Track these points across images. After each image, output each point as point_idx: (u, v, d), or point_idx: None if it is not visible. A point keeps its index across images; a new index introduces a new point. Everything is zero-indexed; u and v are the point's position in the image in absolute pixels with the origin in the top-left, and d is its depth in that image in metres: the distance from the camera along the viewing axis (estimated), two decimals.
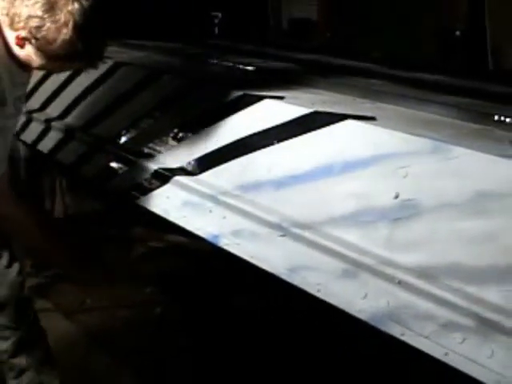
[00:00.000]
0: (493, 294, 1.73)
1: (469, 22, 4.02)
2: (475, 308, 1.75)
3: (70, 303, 3.96)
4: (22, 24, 1.96)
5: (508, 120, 2.22)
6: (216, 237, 2.42)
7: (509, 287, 1.70)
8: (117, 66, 3.09)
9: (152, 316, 3.87)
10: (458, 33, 4.04)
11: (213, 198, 2.45)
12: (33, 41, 1.98)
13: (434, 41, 4.15)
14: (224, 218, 2.40)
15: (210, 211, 2.45)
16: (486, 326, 1.74)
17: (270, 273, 2.23)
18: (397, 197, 1.93)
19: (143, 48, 3.71)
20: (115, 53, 3.15)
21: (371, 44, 4.38)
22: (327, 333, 3.49)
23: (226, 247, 2.39)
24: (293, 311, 3.59)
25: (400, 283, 1.90)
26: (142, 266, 4.32)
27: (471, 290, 1.77)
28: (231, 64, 3.18)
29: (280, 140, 2.26)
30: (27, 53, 2.03)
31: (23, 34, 1.98)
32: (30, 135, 3.70)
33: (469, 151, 1.82)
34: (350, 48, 4.46)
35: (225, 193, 2.41)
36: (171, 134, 2.66)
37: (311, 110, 2.22)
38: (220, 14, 4.98)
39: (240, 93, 2.47)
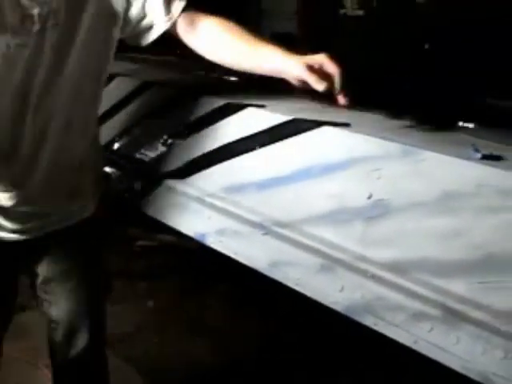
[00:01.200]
0: (458, 286, 1.75)
1: None
2: (442, 299, 1.77)
3: None
4: None
5: (470, 126, 2.24)
6: (203, 235, 2.43)
7: (473, 280, 1.72)
8: (111, 77, 3.09)
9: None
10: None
11: (199, 200, 2.46)
12: None
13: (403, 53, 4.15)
14: (209, 218, 2.41)
15: (197, 212, 2.45)
16: (452, 316, 1.75)
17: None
18: (370, 197, 1.94)
19: (135, 60, 3.71)
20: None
21: (347, 57, 4.38)
22: None
23: (211, 245, 2.40)
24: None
25: (373, 277, 1.91)
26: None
27: (439, 282, 1.79)
28: (216, 75, 3.17)
29: (262, 145, 2.27)
30: None
31: None
32: None
33: (436, 154, 1.84)
34: None
35: (210, 195, 2.42)
36: (161, 141, 2.66)
37: (290, 118, 2.23)
38: None
39: (225, 101, 2.47)
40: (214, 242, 2.39)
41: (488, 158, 1.81)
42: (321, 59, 1.80)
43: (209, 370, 3.32)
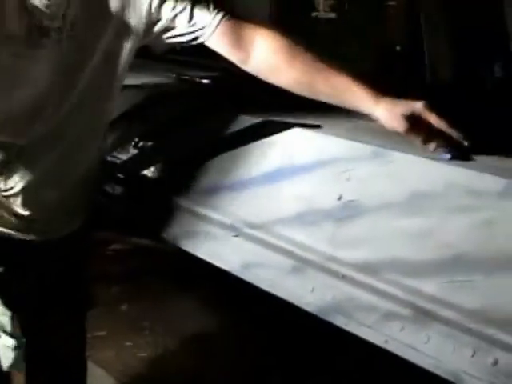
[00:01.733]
0: (428, 286, 1.76)
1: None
2: (413, 299, 1.78)
3: None
4: None
5: None
6: (176, 238, 2.43)
7: (443, 279, 1.73)
8: None
9: None
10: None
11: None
12: None
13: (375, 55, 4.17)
14: (181, 220, 2.41)
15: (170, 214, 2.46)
16: (423, 315, 1.77)
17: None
18: (340, 198, 1.95)
19: None
20: None
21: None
22: None
23: (184, 248, 2.40)
24: None
25: (344, 278, 1.92)
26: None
27: (409, 282, 1.79)
28: (188, 77, 3.17)
29: (234, 147, 2.27)
30: None
31: None
32: None
33: (405, 155, 1.85)
34: None
35: (182, 196, 2.42)
36: (132, 143, 2.66)
37: (261, 119, 2.24)
38: None
39: (197, 104, 2.48)
40: (187, 245, 2.39)
41: (457, 158, 1.83)
42: (420, 109, 1.76)
43: (183, 374, 3.32)
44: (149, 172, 2.58)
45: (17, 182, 1.88)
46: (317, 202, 2.01)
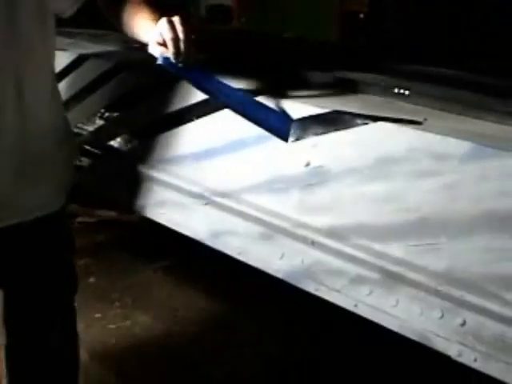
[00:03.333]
0: (395, 250, 1.79)
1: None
2: (380, 262, 1.81)
3: None
4: None
5: (406, 93, 2.28)
6: (143, 208, 2.43)
7: (409, 242, 1.76)
8: None
9: None
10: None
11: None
12: None
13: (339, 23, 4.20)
14: (149, 190, 2.41)
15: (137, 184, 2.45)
16: (390, 278, 1.80)
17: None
18: (308, 165, 1.97)
19: (72, 35, 3.66)
20: None
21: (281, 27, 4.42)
22: None
23: (152, 217, 2.40)
24: None
25: (312, 243, 1.94)
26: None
27: (376, 246, 1.82)
28: None
29: (199, 116, 2.27)
30: None
31: None
32: None
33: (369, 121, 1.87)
34: (263, 30, 4.49)
35: (149, 166, 2.42)
36: (98, 114, 2.65)
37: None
38: None
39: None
40: (155, 215, 2.40)
41: (169, 66, 1.86)
42: (172, 21, 1.83)
43: (151, 346, 3.33)
44: (115, 143, 2.57)
45: None
46: (284, 168, 2.02)
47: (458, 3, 3.75)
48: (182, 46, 1.83)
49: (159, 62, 1.87)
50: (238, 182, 2.14)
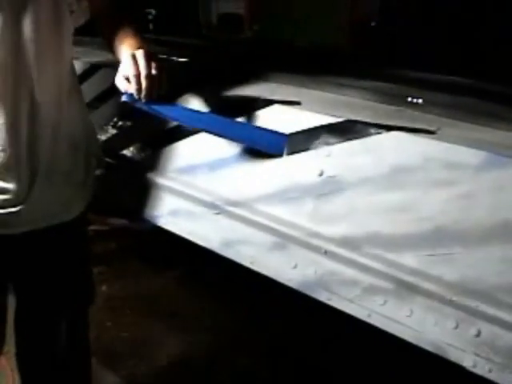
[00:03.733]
0: (409, 259, 1.78)
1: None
2: (394, 272, 1.80)
3: None
4: None
5: (419, 101, 2.27)
6: (156, 217, 2.43)
7: (423, 252, 1.75)
8: None
9: None
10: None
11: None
12: None
13: (351, 31, 4.20)
14: (162, 199, 2.40)
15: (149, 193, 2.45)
16: (405, 289, 1.79)
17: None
18: (321, 174, 1.96)
19: (82, 43, 3.66)
20: None
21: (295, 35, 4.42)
22: None
23: (164, 226, 2.39)
24: None
25: (326, 253, 1.94)
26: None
27: (390, 256, 1.81)
28: (165, 57, 3.16)
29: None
30: None
31: None
32: None
33: (383, 130, 1.86)
34: (276, 39, 4.49)
35: (162, 175, 2.41)
36: (111, 123, 2.65)
37: (240, 96, 2.23)
38: (154, 11, 4.95)
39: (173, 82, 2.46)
40: (167, 223, 2.39)
41: (133, 101, 1.83)
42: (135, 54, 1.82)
43: (164, 354, 3.32)
44: (128, 152, 2.57)
45: None
46: (298, 178, 2.01)
47: (470, 11, 3.74)
48: (143, 82, 1.80)
49: (123, 98, 1.85)
50: (250, 192, 2.13)
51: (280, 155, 2.05)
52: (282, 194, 2.05)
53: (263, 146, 2.05)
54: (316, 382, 3.11)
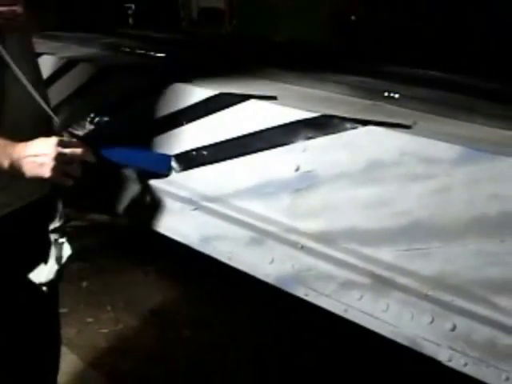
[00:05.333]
0: (386, 254, 1.77)
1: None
2: (370, 267, 1.79)
3: None
4: None
5: (396, 96, 2.27)
6: (132, 212, 2.41)
7: (400, 247, 1.74)
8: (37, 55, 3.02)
9: None
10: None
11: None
12: None
13: (329, 25, 4.19)
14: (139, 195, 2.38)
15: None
16: (381, 283, 1.78)
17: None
18: (297, 169, 1.95)
19: (60, 39, 3.64)
20: (36, 44, 3.09)
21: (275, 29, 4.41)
22: None
23: (142, 223, 2.37)
24: None
25: (302, 248, 1.92)
26: None
27: (366, 251, 1.81)
28: (143, 52, 3.14)
29: (189, 121, 2.25)
30: None
31: None
32: None
33: (359, 125, 1.85)
34: (256, 34, 4.48)
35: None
36: (88, 119, 2.62)
37: (217, 92, 2.21)
38: (133, 6, 4.92)
39: (152, 78, 2.45)
40: (145, 220, 2.37)
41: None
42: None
43: (144, 349, 3.31)
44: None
45: None
46: (274, 173, 2.00)
47: (447, 6, 3.74)
48: None
49: None
50: (227, 187, 2.12)
51: (166, 175, 2.23)
52: (258, 189, 2.03)
53: (149, 167, 2.26)
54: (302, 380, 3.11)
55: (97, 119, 2.60)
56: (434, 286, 1.69)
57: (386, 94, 2.27)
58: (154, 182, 2.32)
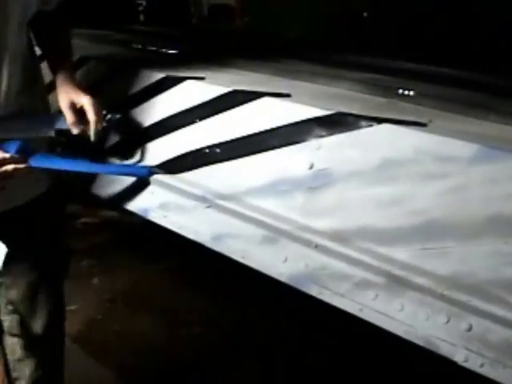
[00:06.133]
0: (401, 253, 1.76)
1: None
2: (385, 266, 1.78)
3: None
4: None
5: (411, 93, 2.25)
6: (146, 210, 2.40)
7: (415, 246, 1.73)
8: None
9: None
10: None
11: None
12: None
13: (342, 22, 4.18)
14: (152, 193, 2.37)
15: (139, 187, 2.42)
16: (396, 283, 1.77)
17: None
18: (311, 167, 1.94)
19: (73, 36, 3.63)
20: None
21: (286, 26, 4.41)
22: None
23: (155, 220, 2.37)
24: None
25: (316, 247, 1.91)
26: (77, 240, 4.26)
27: (381, 250, 1.79)
28: (155, 48, 3.13)
29: (202, 118, 2.24)
30: None
31: None
32: None
33: (374, 122, 1.84)
34: (267, 30, 4.47)
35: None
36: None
37: (230, 89, 2.20)
38: (144, 2, 4.93)
39: (163, 75, 2.44)
40: (158, 217, 2.37)
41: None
42: (83, 101, 2.05)
43: (153, 347, 3.31)
44: (117, 144, 2.54)
45: None
46: (288, 171, 1.99)
47: (463, 1, 3.72)
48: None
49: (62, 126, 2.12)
50: (241, 185, 2.11)
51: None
52: (272, 187, 2.02)
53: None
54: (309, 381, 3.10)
55: (108, 116, 2.59)
56: (450, 286, 1.67)
57: (401, 91, 2.25)
58: (166, 179, 2.32)
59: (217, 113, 2.20)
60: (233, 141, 2.13)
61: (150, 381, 3.08)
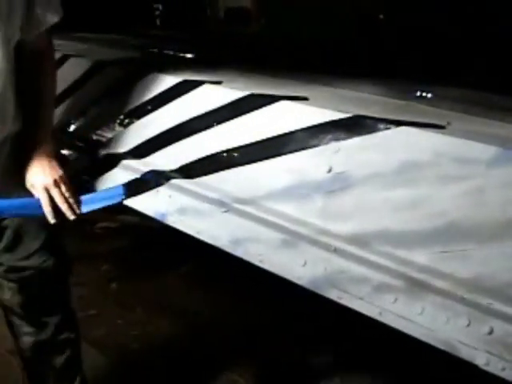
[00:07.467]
0: (420, 257, 1.75)
1: None
2: (405, 270, 1.77)
3: None
4: None
5: (429, 95, 2.24)
6: (163, 215, 2.40)
7: (435, 249, 1.72)
8: (65, 57, 3.04)
9: None
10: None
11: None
12: None
13: (357, 25, 4.17)
14: (170, 197, 2.37)
15: (157, 191, 2.42)
16: (416, 286, 1.76)
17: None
18: (330, 171, 1.93)
19: (88, 40, 3.65)
20: (63, 45, 3.09)
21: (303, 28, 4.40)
22: None
23: (173, 224, 2.37)
24: None
25: (335, 250, 1.91)
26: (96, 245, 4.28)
27: (400, 253, 1.78)
28: (172, 52, 3.14)
29: (219, 122, 2.24)
30: None
31: None
32: None
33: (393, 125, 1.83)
34: (283, 33, 4.47)
35: (170, 173, 2.39)
36: (118, 121, 2.62)
37: (248, 93, 2.20)
38: (161, 6, 4.94)
39: (181, 79, 2.44)
40: (176, 221, 2.37)
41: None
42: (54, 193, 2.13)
43: (173, 351, 3.31)
44: (135, 148, 2.55)
45: None
46: (306, 174, 1.98)
47: (480, 5, 3.70)
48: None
49: None
50: (259, 189, 2.10)
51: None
52: (290, 190, 2.02)
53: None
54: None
55: (126, 121, 2.60)
56: (471, 289, 1.66)
57: (419, 93, 2.25)
58: (184, 184, 2.32)
59: (234, 117, 2.20)
60: (250, 145, 2.13)
61: None
